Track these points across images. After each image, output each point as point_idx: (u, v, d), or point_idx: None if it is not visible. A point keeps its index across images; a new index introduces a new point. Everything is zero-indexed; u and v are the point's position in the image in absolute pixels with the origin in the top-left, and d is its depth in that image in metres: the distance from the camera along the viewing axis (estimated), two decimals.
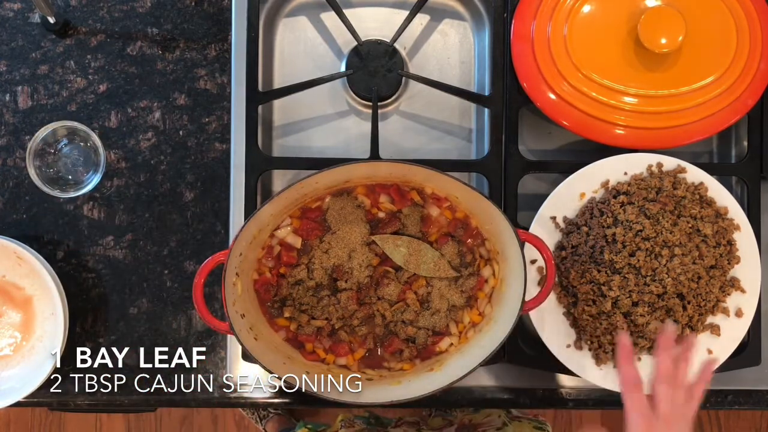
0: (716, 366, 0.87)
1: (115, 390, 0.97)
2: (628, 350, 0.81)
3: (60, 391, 0.97)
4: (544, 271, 0.91)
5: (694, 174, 0.93)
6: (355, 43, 0.97)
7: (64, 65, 0.98)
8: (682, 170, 0.93)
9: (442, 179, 0.86)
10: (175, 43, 0.99)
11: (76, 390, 0.97)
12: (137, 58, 0.99)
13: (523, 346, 0.94)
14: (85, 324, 0.97)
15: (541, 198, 0.93)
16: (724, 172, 0.97)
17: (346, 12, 0.96)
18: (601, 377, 0.92)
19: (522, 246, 0.83)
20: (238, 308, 0.85)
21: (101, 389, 0.97)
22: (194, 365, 0.97)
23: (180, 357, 0.97)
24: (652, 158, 0.93)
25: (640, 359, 0.92)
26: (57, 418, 1.90)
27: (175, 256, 0.98)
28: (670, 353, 0.81)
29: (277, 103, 1.02)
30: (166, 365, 0.97)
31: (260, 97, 0.95)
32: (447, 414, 1.35)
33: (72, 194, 0.95)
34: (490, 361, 0.84)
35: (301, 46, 1.03)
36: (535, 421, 1.13)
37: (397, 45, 0.98)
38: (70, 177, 0.97)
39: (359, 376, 0.88)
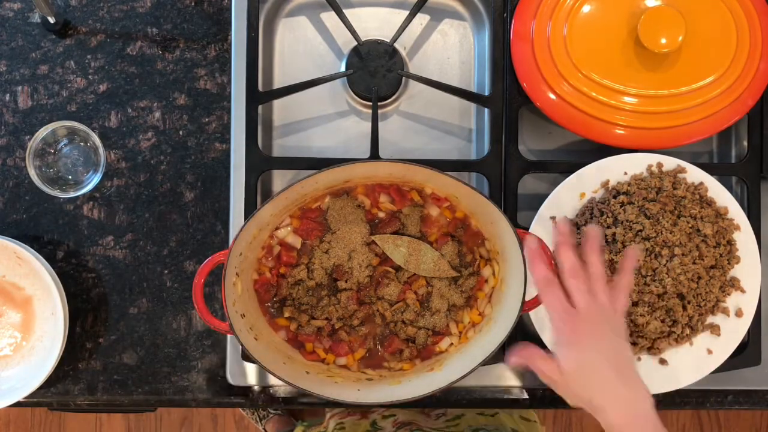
0: (636, 256, 0.83)
1: (115, 390, 0.97)
2: (538, 251, 0.79)
3: (60, 391, 0.97)
4: None
5: (694, 174, 0.93)
6: (355, 43, 0.97)
7: (64, 65, 0.98)
8: (682, 170, 0.93)
9: (442, 179, 0.86)
10: (175, 43, 0.99)
11: (76, 390, 0.97)
12: (137, 58, 0.99)
13: None
14: (85, 324, 0.97)
15: (541, 198, 0.93)
16: (724, 172, 0.97)
17: (346, 12, 0.96)
18: None
19: (522, 246, 0.83)
20: (238, 308, 0.85)
21: (101, 389, 0.97)
22: (194, 365, 0.97)
23: (180, 357, 0.97)
24: (652, 158, 0.93)
25: (639, 359, 0.92)
26: (57, 418, 1.90)
27: (175, 256, 0.98)
28: (570, 247, 0.77)
29: (277, 103, 1.02)
30: (166, 365, 0.97)
31: (260, 97, 0.95)
32: None
33: (72, 194, 0.95)
34: (490, 361, 0.84)
35: (301, 46, 1.03)
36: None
37: (397, 45, 0.98)
38: (70, 177, 0.97)
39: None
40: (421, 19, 1.03)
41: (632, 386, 0.72)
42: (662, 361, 0.92)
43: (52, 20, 0.96)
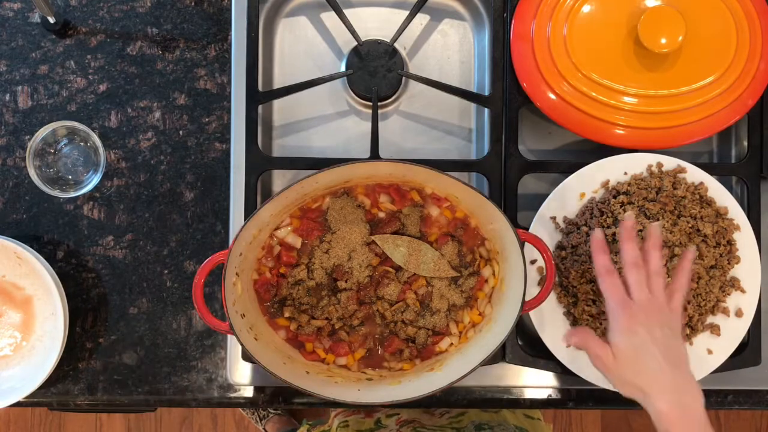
0: (691, 257, 0.85)
1: (115, 390, 0.97)
2: (601, 243, 0.81)
3: (60, 391, 0.97)
4: (544, 271, 0.91)
5: (694, 174, 0.93)
6: (355, 43, 0.97)
7: (64, 65, 0.98)
8: (682, 170, 0.93)
9: (443, 179, 0.86)
10: (175, 43, 0.99)
11: (76, 390, 0.97)
12: (137, 58, 0.99)
13: (523, 346, 0.94)
14: (85, 324, 0.97)
15: (541, 198, 0.93)
16: (724, 172, 0.97)
17: (346, 12, 0.96)
18: (601, 377, 0.91)
19: (522, 246, 0.83)
20: (238, 308, 0.85)
21: (101, 389, 0.97)
22: (194, 365, 0.97)
23: (180, 357, 0.97)
24: (652, 158, 0.93)
25: None
26: (57, 418, 1.90)
27: (175, 256, 0.98)
28: (634, 241, 0.80)
29: (277, 103, 1.02)
30: (166, 365, 0.97)
31: (260, 97, 0.95)
32: None
33: (72, 194, 0.95)
34: (490, 361, 0.84)
35: (301, 46, 1.03)
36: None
37: (397, 45, 0.98)
38: (70, 177, 0.97)
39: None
40: (421, 19, 1.03)
41: (684, 380, 0.74)
42: None
43: (52, 20, 0.96)
